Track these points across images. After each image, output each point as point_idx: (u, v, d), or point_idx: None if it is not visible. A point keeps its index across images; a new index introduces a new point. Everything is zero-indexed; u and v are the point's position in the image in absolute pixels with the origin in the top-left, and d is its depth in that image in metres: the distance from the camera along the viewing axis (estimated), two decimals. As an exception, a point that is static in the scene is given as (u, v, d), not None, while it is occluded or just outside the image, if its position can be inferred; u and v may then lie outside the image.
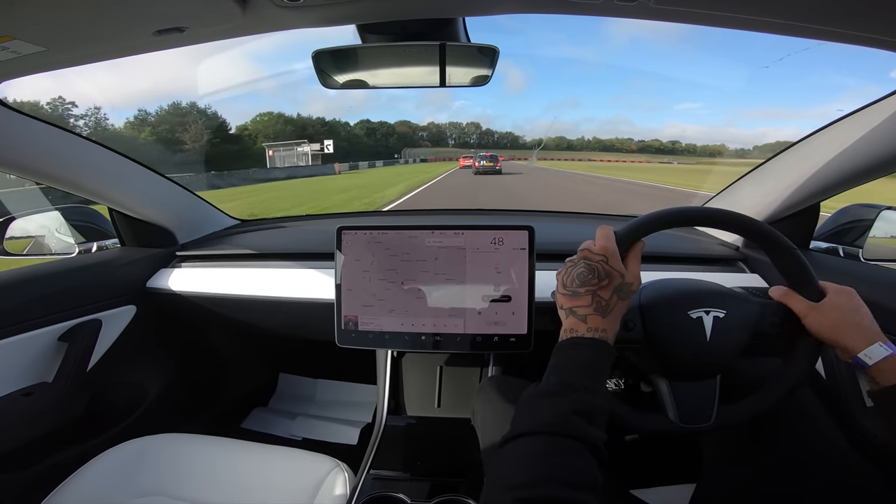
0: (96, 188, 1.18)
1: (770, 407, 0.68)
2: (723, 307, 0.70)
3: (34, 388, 1.07)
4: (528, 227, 0.99)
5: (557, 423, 0.51)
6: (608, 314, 0.61)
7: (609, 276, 0.62)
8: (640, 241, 0.70)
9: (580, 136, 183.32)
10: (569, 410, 0.52)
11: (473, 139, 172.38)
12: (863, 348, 0.60)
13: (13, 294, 1.04)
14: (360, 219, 1.74)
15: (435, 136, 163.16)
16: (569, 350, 0.60)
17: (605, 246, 0.65)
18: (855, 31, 0.62)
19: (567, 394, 0.54)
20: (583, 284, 0.63)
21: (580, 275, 0.63)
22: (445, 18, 0.77)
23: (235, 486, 0.91)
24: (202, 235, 1.52)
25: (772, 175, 1.16)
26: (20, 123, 0.93)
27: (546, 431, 0.51)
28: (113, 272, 1.26)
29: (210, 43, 0.75)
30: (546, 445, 0.50)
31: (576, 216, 1.92)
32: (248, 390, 1.86)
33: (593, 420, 0.52)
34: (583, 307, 0.62)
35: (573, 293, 0.63)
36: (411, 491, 0.91)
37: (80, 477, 0.90)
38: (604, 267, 0.63)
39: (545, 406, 0.54)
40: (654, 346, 0.70)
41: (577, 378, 0.56)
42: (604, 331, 0.60)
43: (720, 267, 1.20)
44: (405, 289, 1.02)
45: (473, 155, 36.60)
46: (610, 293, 0.62)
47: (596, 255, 0.64)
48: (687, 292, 0.73)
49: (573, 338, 0.61)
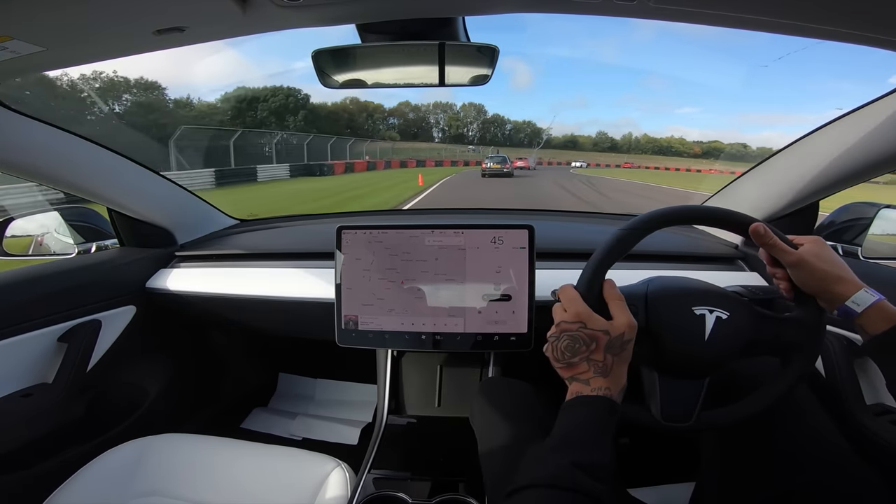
0: (95, 188, 1.18)
1: (751, 416, 0.69)
2: (727, 309, 0.70)
3: (34, 389, 1.07)
4: (528, 226, 0.99)
5: (562, 477, 0.52)
6: (609, 373, 0.61)
7: (595, 340, 0.62)
8: (608, 282, 0.69)
9: (626, 132, 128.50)
10: (573, 465, 0.53)
11: (473, 131, 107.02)
12: (850, 296, 0.61)
13: (13, 295, 1.04)
14: (361, 218, 1.74)
15: (413, 125, 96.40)
16: (575, 408, 0.60)
17: (576, 312, 0.64)
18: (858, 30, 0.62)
19: (572, 449, 0.55)
20: (574, 354, 0.63)
21: (567, 347, 0.63)
22: (445, 18, 0.77)
23: (236, 486, 0.91)
24: (201, 235, 1.52)
25: (770, 174, 1.17)
26: (19, 124, 0.93)
27: (551, 485, 0.52)
28: (112, 272, 1.26)
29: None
30: (551, 499, 0.51)
31: (575, 215, 1.93)
32: (248, 390, 1.86)
33: (597, 475, 0.52)
34: (583, 373, 0.62)
35: (568, 364, 0.63)
36: (412, 490, 0.91)
37: (80, 477, 0.90)
38: (585, 333, 0.62)
39: (550, 460, 0.55)
40: (652, 335, 0.70)
41: (581, 434, 0.57)
42: (608, 388, 0.60)
43: (720, 265, 1.21)
44: (405, 288, 1.02)
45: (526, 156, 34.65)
46: (603, 354, 0.62)
47: (572, 323, 0.64)
48: (695, 289, 0.73)
49: (580, 397, 0.61)
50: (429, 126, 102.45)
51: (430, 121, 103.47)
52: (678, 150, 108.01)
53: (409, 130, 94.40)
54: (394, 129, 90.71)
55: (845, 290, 0.62)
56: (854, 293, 0.61)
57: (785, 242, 0.67)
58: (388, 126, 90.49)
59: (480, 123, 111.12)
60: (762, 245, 0.68)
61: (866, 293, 0.60)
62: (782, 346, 0.70)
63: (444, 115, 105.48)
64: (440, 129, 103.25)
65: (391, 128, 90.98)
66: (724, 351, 0.69)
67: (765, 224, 0.67)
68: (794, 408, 0.78)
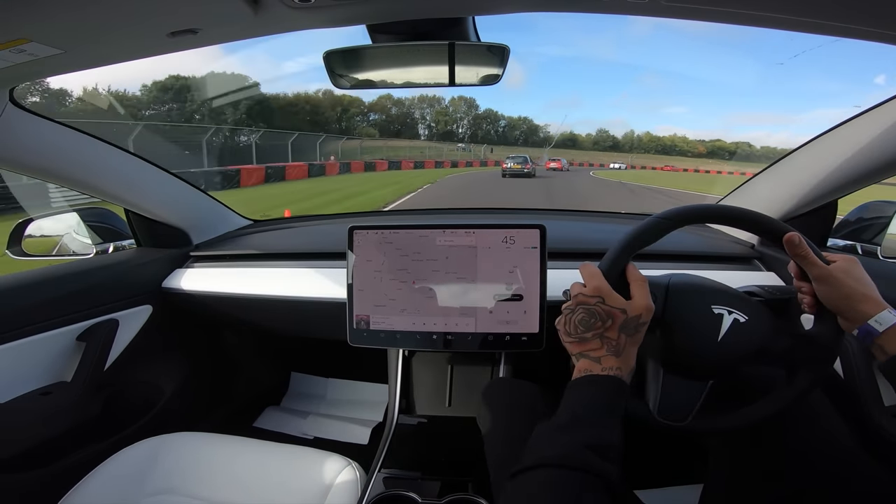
0: (113, 190, 1.20)
1: (747, 426, 0.69)
2: (747, 313, 0.69)
3: (53, 388, 1.09)
4: (540, 225, 0.99)
5: (571, 457, 0.51)
6: (621, 353, 0.61)
7: (611, 317, 0.61)
8: (629, 265, 0.68)
9: (624, 129, 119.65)
10: (583, 444, 0.52)
11: (464, 128, 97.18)
12: (873, 315, 0.59)
13: (33, 294, 1.06)
14: (372, 218, 1.75)
15: (396, 121, 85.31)
16: (584, 387, 0.59)
17: (596, 287, 0.63)
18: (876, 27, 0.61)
19: (581, 428, 0.54)
20: (588, 329, 0.62)
21: (582, 321, 0.62)
22: (455, 17, 0.77)
23: (248, 484, 0.92)
24: (216, 236, 1.54)
25: (787, 173, 1.15)
26: (38, 126, 0.95)
27: (559, 465, 0.51)
28: (129, 272, 1.28)
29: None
30: (559, 479, 0.50)
31: (587, 214, 1.91)
32: (260, 389, 1.88)
33: (607, 455, 0.51)
34: (594, 350, 0.61)
35: (580, 339, 0.62)
36: (422, 490, 0.91)
37: (97, 475, 0.91)
38: (603, 308, 0.62)
39: (559, 440, 0.54)
40: (665, 328, 0.70)
41: (591, 414, 0.56)
42: (619, 369, 0.60)
43: (736, 265, 1.19)
44: (416, 288, 1.02)
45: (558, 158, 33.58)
46: (617, 333, 0.61)
47: (591, 297, 0.63)
48: (717, 289, 0.73)
49: (589, 375, 0.60)
50: (414, 122, 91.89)
51: (416, 116, 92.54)
52: (682, 148, 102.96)
53: (392, 127, 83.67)
54: (374, 125, 79.93)
55: (869, 309, 0.60)
56: (878, 312, 0.59)
57: (818, 256, 0.65)
58: (369, 122, 79.99)
59: (472, 119, 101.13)
60: (794, 256, 0.66)
61: (890, 313, 0.59)
62: (792, 361, 0.69)
63: (431, 111, 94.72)
64: (426, 126, 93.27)
65: (372, 124, 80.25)
66: (733, 354, 0.68)
67: (800, 235, 0.65)
68: (807, 410, 0.76)
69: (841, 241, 1.16)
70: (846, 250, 1.14)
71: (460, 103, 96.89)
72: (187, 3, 0.58)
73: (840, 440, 0.74)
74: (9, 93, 0.85)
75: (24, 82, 0.83)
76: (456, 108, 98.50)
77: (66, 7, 0.55)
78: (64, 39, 0.62)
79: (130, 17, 0.60)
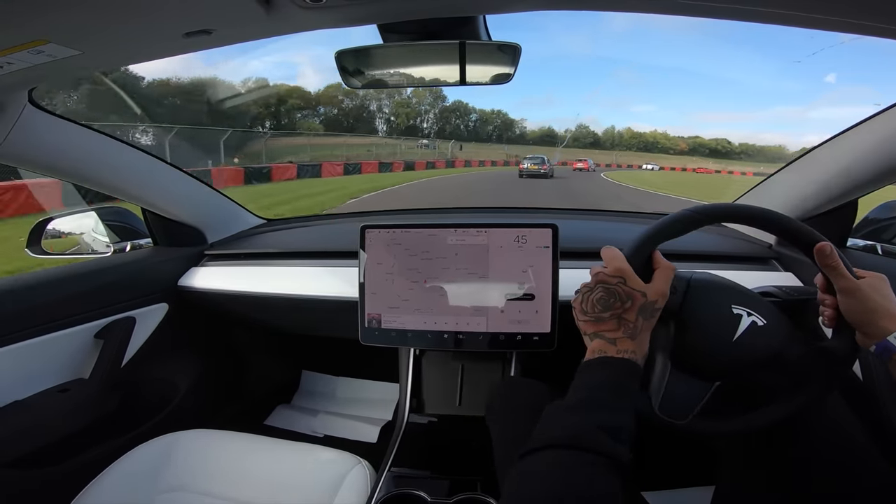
0: (130, 189, 1.22)
1: (745, 433, 0.68)
2: (766, 318, 0.68)
3: (71, 385, 1.11)
4: (552, 225, 0.98)
5: (582, 438, 0.50)
6: (637, 336, 0.60)
7: (631, 298, 0.60)
8: (654, 253, 0.68)
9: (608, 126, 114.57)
10: (595, 426, 0.51)
11: (429, 122, 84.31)
12: (893, 331, 0.57)
13: (53, 292, 1.08)
14: (384, 217, 1.75)
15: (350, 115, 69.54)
16: (597, 368, 0.58)
17: (619, 267, 0.63)
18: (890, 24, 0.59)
19: (593, 410, 0.53)
20: (605, 309, 0.61)
21: (600, 300, 0.61)
22: (466, 16, 0.77)
23: (259, 481, 0.93)
24: (230, 235, 1.56)
25: (806, 171, 1.12)
26: (57, 127, 0.97)
27: (570, 445, 0.50)
28: (146, 271, 1.30)
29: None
30: (569, 459, 0.49)
31: (599, 214, 1.90)
32: (271, 387, 1.89)
33: (619, 437, 0.50)
34: (610, 331, 0.60)
35: (597, 318, 0.62)
36: (431, 489, 0.91)
37: (113, 471, 0.93)
38: (623, 289, 0.61)
39: (569, 420, 0.53)
40: (680, 323, 0.69)
41: (604, 395, 0.55)
42: (633, 352, 0.59)
43: (753, 265, 1.17)
44: (428, 287, 1.02)
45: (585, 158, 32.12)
46: (635, 315, 0.60)
47: (612, 277, 0.62)
48: (739, 290, 0.72)
49: (602, 357, 0.59)
50: (371, 116, 75.53)
51: (372, 109, 75.98)
52: (664, 145, 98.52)
53: (345, 122, 67.12)
54: (316, 119, 64.08)
55: (890, 326, 0.58)
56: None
57: (848, 270, 0.64)
58: (304, 115, 63.10)
59: (438, 112, 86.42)
60: (823, 265, 0.64)
61: None
62: (802, 372, 0.67)
63: (391, 102, 77.56)
64: (385, 120, 76.42)
65: (318, 116, 65.36)
66: (746, 356, 0.67)
67: (832, 245, 0.64)
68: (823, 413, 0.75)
69: (861, 241, 1.13)
70: (866, 250, 1.11)
71: (425, 94, 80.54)
72: (202, 3, 0.59)
73: (857, 444, 0.72)
74: (28, 94, 0.87)
75: (43, 82, 0.84)
76: (420, 99, 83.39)
77: (85, 8, 0.56)
78: (82, 40, 0.63)
79: (147, 17, 0.61)
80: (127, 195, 1.23)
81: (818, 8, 0.58)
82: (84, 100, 30.49)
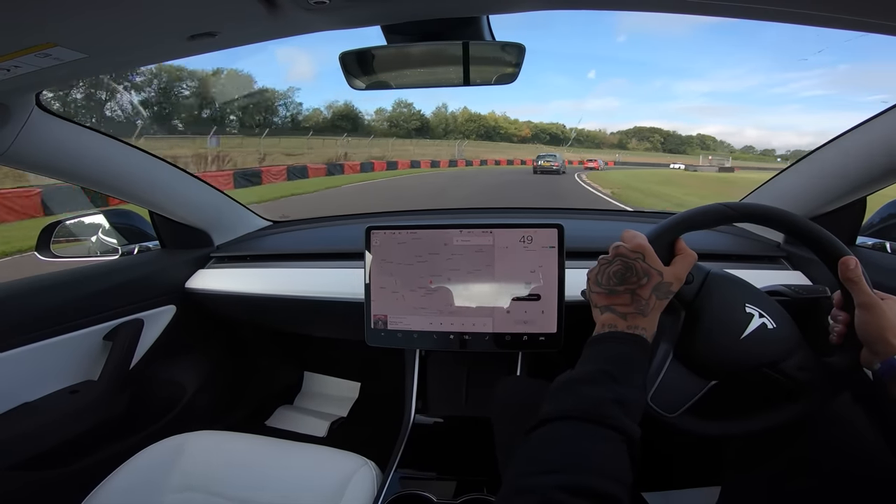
0: (137, 192, 1.22)
1: (729, 438, 0.68)
2: (777, 322, 0.68)
3: (80, 386, 1.12)
4: (558, 224, 0.98)
5: (593, 411, 0.49)
6: (648, 314, 0.59)
7: (647, 275, 0.60)
8: (678, 240, 0.68)
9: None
10: (606, 398, 0.50)
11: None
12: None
13: (62, 294, 1.09)
14: (390, 218, 1.76)
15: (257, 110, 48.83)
16: (607, 342, 0.58)
17: (639, 244, 0.62)
18: None
19: (605, 383, 0.52)
20: (621, 282, 0.61)
21: (617, 273, 0.61)
22: (470, 17, 0.76)
23: (266, 482, 0.93)
24: (236, 237, 1.56)
25: (814, 168, 1.11)
26: (65, 130, 0.97)
27: (581, 417, 0.49)
28: (154, 273, 1.31)
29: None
30: (580, 431, 0.48)
31: (605, 213, 1.89)
32: (275, 388, 1.90)
33: (629, 412, 0.50)
34: (622, 305, 0.60)
35: (611, 291, 0.61)
36: (437, 490, 0.91)
37: (121, 473, 0.93)
38: (641, 265, 0.61)
39: (580, 392, 0.52)
40: (691, 313, 0.69)
41: (614, 368, 0.54)
42: (644, 329, 0.58)
43: (763, 264, 1.16)
44: (433, 288, 1.02)
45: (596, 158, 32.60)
46: (649, 292, 0.60)
47: (632, 252, 0.62)
48: (756, 291, 0.72)
49: (612, 331, 0.59)
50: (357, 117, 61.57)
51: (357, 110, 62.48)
52: (507, 131, 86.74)
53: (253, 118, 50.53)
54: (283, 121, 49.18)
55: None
56: None
57: (870, 287, 0.63)
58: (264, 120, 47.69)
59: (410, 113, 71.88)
60: (845, 278, 0.63)
61: None
62: (799, 383, 0.67)
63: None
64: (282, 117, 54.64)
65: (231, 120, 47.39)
66: (749, 356, 0.67)
67: (857, 260, 0.63)
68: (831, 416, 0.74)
69: (870, 240, 1.12)
70: (875, 249, 1.10)
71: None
72: (206, 5, 0.59)
73: (868, 446, 0.72)
74: (35, 97, 0.88)
75: (49, 86, 0.85)
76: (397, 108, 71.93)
77: (92, 11, 0.56)
78: (88, 43, 0.64)
79: (152, 20, 0.61)
80: (134, 198, 1.24)
81: (818, 7, 0.57)
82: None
